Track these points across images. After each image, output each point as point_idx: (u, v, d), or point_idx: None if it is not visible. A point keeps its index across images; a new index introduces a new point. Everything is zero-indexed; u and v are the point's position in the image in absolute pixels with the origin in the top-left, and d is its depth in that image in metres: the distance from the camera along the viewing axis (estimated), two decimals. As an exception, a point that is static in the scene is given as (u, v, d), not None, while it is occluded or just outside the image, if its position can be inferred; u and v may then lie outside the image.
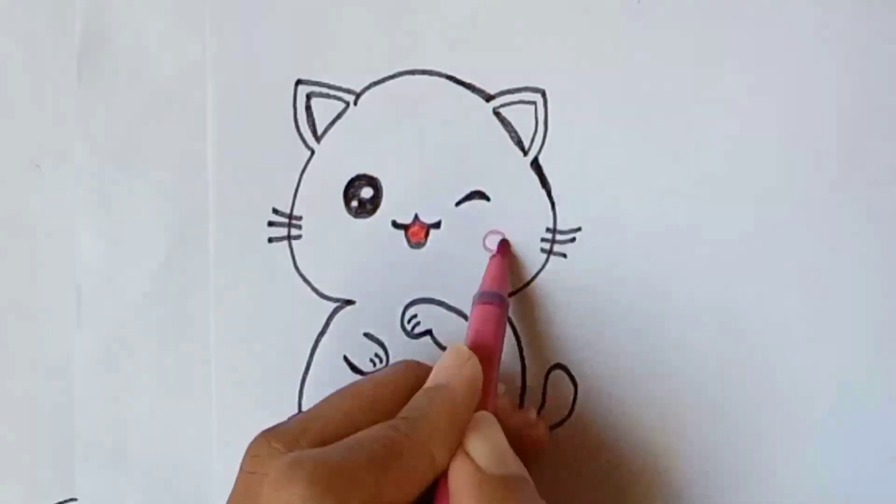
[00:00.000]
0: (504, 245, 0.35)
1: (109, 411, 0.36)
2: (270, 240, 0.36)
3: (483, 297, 0.33)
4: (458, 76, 0.36)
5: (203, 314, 0.36)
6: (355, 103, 0.36)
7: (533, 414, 0.34)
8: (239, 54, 0.36)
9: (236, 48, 0.36)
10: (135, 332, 0.36)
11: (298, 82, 0.36)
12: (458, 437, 0.28)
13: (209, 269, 0.36)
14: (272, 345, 0.36)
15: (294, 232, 0.36)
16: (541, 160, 0.35)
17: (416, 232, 0.36)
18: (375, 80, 0.36)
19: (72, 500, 0.36)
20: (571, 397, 0.35)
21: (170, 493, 0.36)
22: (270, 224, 0.36)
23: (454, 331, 0.35)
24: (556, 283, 0.35)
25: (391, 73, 0.36)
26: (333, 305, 0.36)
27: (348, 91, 0.36)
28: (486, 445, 0.28)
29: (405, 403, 0.29)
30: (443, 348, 0.35)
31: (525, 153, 0.35)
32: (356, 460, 0.26)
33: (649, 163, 0.35)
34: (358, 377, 0.36)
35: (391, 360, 0.36)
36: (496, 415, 0.30)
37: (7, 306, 0.37)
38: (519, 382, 0.35)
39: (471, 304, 0.33)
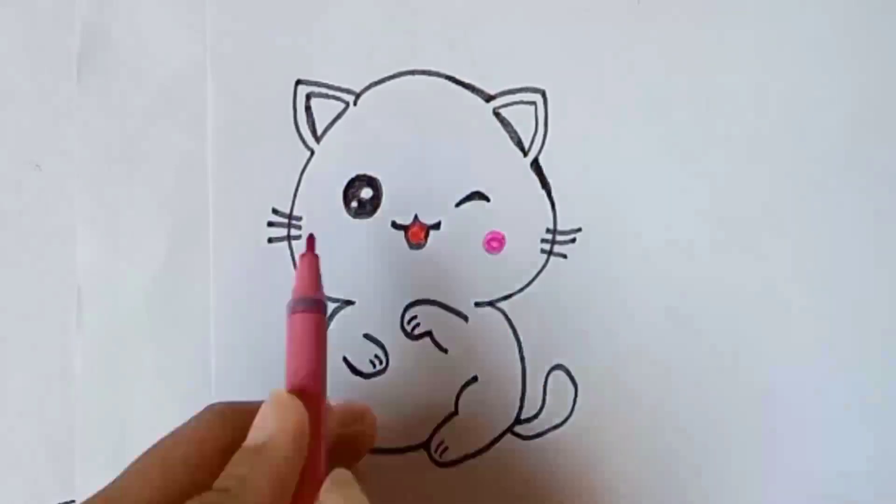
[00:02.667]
0: (311, 241, 0.32)
1: (109, 411, 0.36)
2: (270, 240, 0.36)
3: (298, 305, 0.30)
4: (458, 76, 0.36)
5: (203, 314, 0.36)
6: (355, 103, 0.36)
7: (358, 405, 0.32)
8: (239, 54, 0.36)
9: (236, 48, 0.36)
10: (135, 332, 0.36)
11: (298, 82, 0.36)
12: (286, 497, 0.26)
13: (209, 269, 0.36)
14: (272, 345, 0.36)
15: (294, 232, 0.36)
16: (541, 161, 0.35)
17: (415, 233, 0.35)
18: (375, 80, 0.36)
19: (72, 500, 0.36)
20: (571, 397, 0.35)
21: (170, 494, 0.36)
22: (270, 224, 0.36)
23: (454, 332, 0.35)
24: (557, 283, 0.35)
25: (391, 74, 0.36)
26: (333, 306, 0.36)
27: (348, 91, 0.36)
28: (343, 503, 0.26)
29: (223, 460, 0.26)
30: (443, 349, 0.35)
31: (525, 154, 0.35)
32: None
33: (649, 163, 0.35)
34: (356, 378, 0.36)
35: (391, 362, 0.36)
36: (359, 446, 0.30)
37: (7, 306, 0.37)
38: (519, 383, 0.35)
39: (286, 312, 0.30)
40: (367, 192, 0.36)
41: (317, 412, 0.28)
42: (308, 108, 0.36)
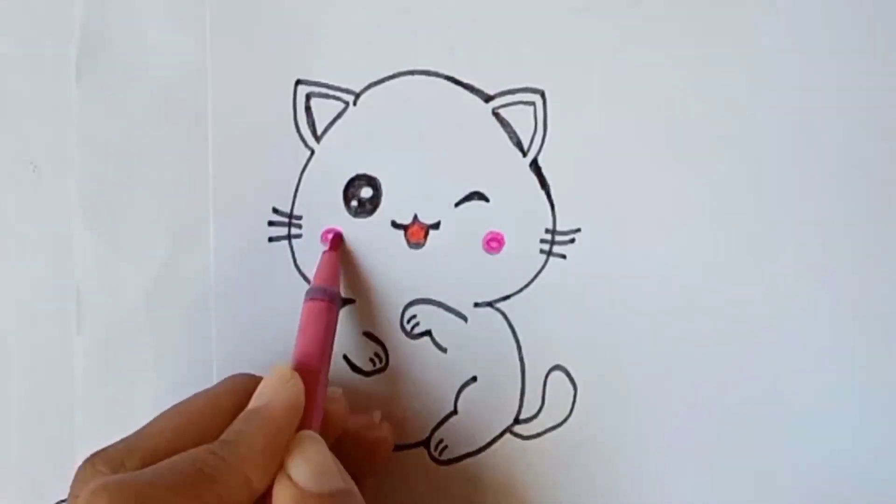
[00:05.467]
0: (336, 239, 0.35)
1: (109, 411, 0.36)
2: (271, 239, 0.36)
3: (312, 294, 0.33)
4: (458, 76, 0.36)
5: (203, 314, 0.36)
6: (355, 103, 0.36)
7: (376, 416, 0.35)
8: (239, 54, 0.36)
9: (236, 48, 0.36)
10: (135, 332, 0.36)
11: (298, 82, 0.36)
12: (277, 459, 0.28)
13: (209, 269, 0.36)
14: (272, 345, 0.36)
15: (294, 231, 0.36)
16: (540, 161, 0.35)
17: (415, 232, 0.36)
18: (375, 80, 0.36)
19: (72, 500, 0.36)
20: (571, 398, 0.35)
21: (170, 493, 0.36)
22: (271, 224, 0.36)
23: (454, 331, 0.35)
24: (556, 284, 0.35)
25: (391, 73, 0.36)
26: (333, 305, 0.36)
27: (348, 91, 0.36)
28: (307, 464, 0.28)
29: (232, 420, 0.29)
30: (442, 349, 0.35)
31: (524, 154, 0.35)
32: (165, 484, 0.26)
33: (649, 163, 0.35)
34: (357, 377, 0.36)
35: (391, 361, 0.36)
36: (328, 423, 0.31)
37: (7, 307, 0.37)
38: (519, 383, 0.35)
39: (304, 296, 0.33)
40: (366, 192, 0.36)
41: (313, 387, 0.30)
42: (308, 108, 0.36)
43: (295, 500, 0.28)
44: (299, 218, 0.36)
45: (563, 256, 0.35)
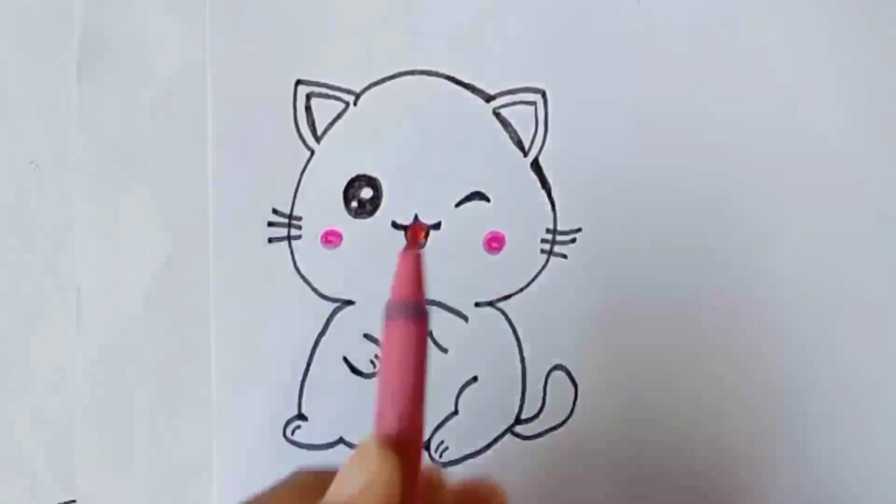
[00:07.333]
0: (415, 233, 0.32)
1: (109, 411, 0.36)
2: (270, 240, 0.36)
3: (396, 312, 0.25)
4: (458, 76, 0.36)
5: (203, 314, 0.36)
6: (355, 103, 0.36)
7: (488, 484, 0.28)
8: (239, 54, 0.36)
9: (236, 48, 0.36)
10: (135, 333, 0.36)
11: (298, 82, 0.36)
12: None
13: (209, 269, 0.36)
14: (272, 345, 0.36)
15: (294, 232, 0.36)
16: (541, 161, 0.35)
17: (415, 232, 0.35)
18: (375, 80, 0.36)
19: (72, 500, 0.36)
20: (571, 397, 0.35)
21: (170, 494, 0.36)
22: (270, 224, 0.36)
23: (454, 331, 0.35)
24: (557, 283, 0.35)
25: (391, 74, 0.36)
26: (333, 305, 0.36)
27: (348, 91, 0.36)
28: None
29: None
30: (443, 349, 0.35)
31: (525, 154, 0.35)
32: None
33: (649, 163, 0.35)
34: (356, 377, 0.36)
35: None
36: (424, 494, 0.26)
37: (7, 307, 0.37)
38: (520, 383, 0.35)
39: (383, 313, 0.26)
40: (367, 192, 0.36)
41: (414, 459, 0.24)
42: (308, 108, 0.36)
43: None
44: (299, 219, 0.36)
45: (564, 256, 0.35)
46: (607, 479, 0.35)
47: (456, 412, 0.36)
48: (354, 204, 0.36)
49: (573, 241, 0.35)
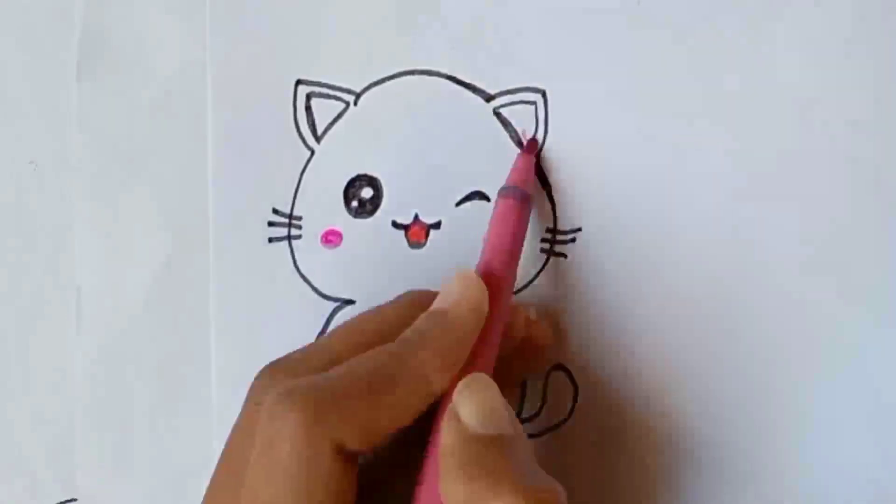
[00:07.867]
0: (532, 144, 0.35)
1: (109, 411, 0.36)
2: (270, 240, 0.36)
3: (508, 192, 0.33)
4: (458, 76, 0.36)
5: (203, 314, 0.36)
6: (355, 103, 0.36)
7: (532, 313, 0.33)
8: (239, 54, 0.36)
9: (236, 48, 0.36)
10: (135, 333, 0.36)
11: (298, 82, 0.36)
12: (459, 363, 0.28)
13: (209, 269, 0.36)
14: (272, 345, 0.36)
15: (294, 232, 0.36)
16: (541, 161, 0.35)
17: (416, 232, 0.35)
18: (375, 80, 0.36)
19: (72, 500, 0.36)
20: (571, 397, 0.35)
21: (170, 493, 0.36)
22: (270, 224, 0.36)
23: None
24: (556, 283, 0.35)
25: (391, 73, 0.36)
26: (333, 305, 0.36)
27: (348, 91, 0.36)
28: (476, 405, 0.27)
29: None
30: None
31: (525, 153, 0.35)
32: (347, 386, 0.26)
33: (649, 163, 0.35)
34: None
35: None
36: (508, 333, 0.31)
37: (7, 307, 0.37)
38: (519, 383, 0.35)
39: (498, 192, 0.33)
40: (367, 192, 0.36)
41: (497, 292, 0.30)
42: (308, 108, 0.36)
43: (460, 439, 0.26)
44: (299, 218, 0.36)
45: (564, 256, 0.35)
46: (607, 478, 0.35)
47: (456, 412, 0.36)
48: (354, 203, 0.36)
49: (573, 240, 0.35)
